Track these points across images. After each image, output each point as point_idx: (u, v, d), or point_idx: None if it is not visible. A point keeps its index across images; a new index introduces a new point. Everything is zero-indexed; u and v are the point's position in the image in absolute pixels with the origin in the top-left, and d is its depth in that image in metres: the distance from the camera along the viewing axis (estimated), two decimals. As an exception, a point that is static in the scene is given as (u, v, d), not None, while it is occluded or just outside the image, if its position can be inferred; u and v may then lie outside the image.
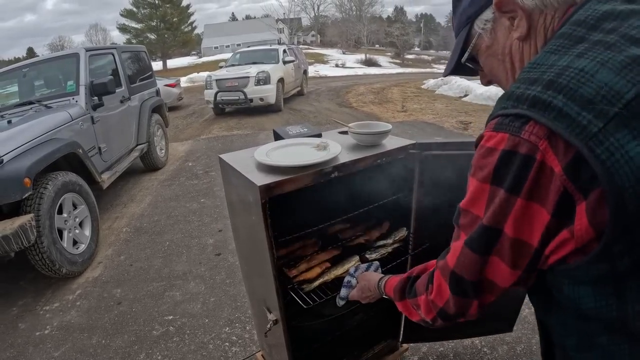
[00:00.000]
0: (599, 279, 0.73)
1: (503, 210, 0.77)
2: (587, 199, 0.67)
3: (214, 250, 4.10)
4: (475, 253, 0.84)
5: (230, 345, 2.77)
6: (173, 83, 14.40)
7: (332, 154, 1.55)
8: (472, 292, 0.90)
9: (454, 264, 0.91)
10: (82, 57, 5.13)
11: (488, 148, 0.78)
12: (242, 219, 1.75)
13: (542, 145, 0.70)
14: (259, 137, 8.79)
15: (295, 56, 14.28)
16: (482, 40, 0.95)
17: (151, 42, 47.26)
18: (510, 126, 0.74)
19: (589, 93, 0.67)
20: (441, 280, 0.97)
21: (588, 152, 0.65)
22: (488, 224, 0.80)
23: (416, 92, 15.57)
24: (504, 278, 0.85)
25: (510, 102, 0.77)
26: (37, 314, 3.31)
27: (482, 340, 2.62)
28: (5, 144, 3.49)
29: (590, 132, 0.65)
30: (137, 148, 6.28)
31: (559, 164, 0.68)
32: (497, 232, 0.79)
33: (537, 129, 0.70)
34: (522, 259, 0.80)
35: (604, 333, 0.78)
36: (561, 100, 0.69)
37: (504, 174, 0.76)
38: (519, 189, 0.74)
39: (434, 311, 1.02)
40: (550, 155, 0.69)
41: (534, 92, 0.73)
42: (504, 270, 0.83)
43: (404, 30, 48.88)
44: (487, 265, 0.85)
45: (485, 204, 0.81)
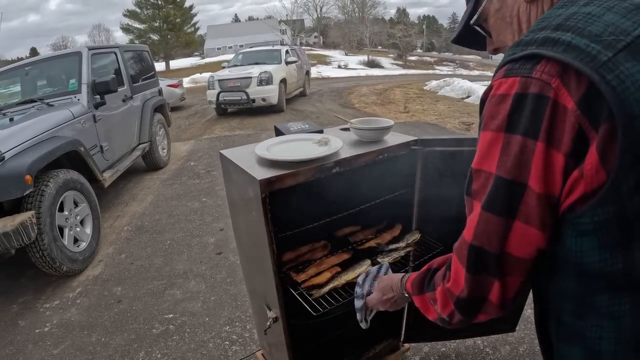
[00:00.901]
0: (605, 225, 0.70)
1: (524, 158, 0.73)
2: (598, 135, 0.66)
3: (214, 249, 4.09)
4: (497, 215, 0.78)
5: (230, 344, 2.75)
6: (176, 83, 14.41)
7: (333, 149, 1.54)
8: (494, 268, 0.81)
9: (471, 236, 0.83)
10: (84, 55, 5.13)
11: (500, 95, 0.77)
12: (242, 215, 1.74)
13: (554, 82, 0.69)
14: (261, 137, 8.77)
15: (298, 57, 14.29)
16: (492, 4, 0.97)
17: (154, 42, 47.37)
18: (521, 69, 0.74)
19: (596, 30, 0.70)
20: (457, 264, 0.88)
21: (599, 79, 0.65)
22: (509, 176, 0.75)
23: (418, 93, 15.56)
24: (531, 244, 0.78)
25: (519, 47, 0.77)
26: (37, 312, 3.30)
27: (485, 341, 2.60)
28: (7, 141, 3.49)
29: (600, 60, 0.66)
30: (139, 147, 6.28)
31: (572, 99, 0.68)
32: (521, 187, 0.74)
33: (549, 67, 0.70)
34: (549, 216, 0.75)
35: (604, 291, 0.75)
36: (570, 36, 0.70)
37: (519, 118, 0.73)
38: (536, 131, 0.71)
39: (450, 302, 0.92)
40: (563, 92, 0.69)
41: (543, 34, 0.74)
42: (532, 234, 0.76)
43: (406, 31, 48.87)
44: (511, 233, 0.77)
45: (498, 156, 0.77)
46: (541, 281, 0.90)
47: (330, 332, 2.16)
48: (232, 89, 11.18)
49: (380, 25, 60.92)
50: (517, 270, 0.81)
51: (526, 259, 0.79)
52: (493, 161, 0.77)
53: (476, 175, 0.82)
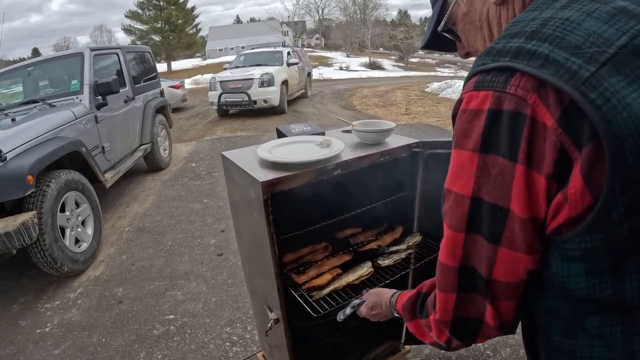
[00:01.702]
0: (592, 253, 0.65)
1: (503, 181, 0.67)
2: (582, 156, 0.60)
3: (216, 251, 4.09)
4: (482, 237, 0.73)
5: (231, 345, 2.75)
6: (177, 84, 14.43)
7: (335, 151, 1.54)
8: (484, 289, 0.77)
9: (459, 258, 0.77)
10: (86, 56, 5.14)
11: (472, 110, 0.70)
12: (244, 217, 1.74)
13: (530, 98, 0.63)
14: (262, 139, 8.78)
15: (300, 58, 14.30)
16: (459, 8, 0.90)
17: (156, 43, 47.46)
18: (493, 82, 0.68)
19: (576, 40, 0.63)
20: (443, 294, 0.84)
21: (581, 98, 0.59)
22: (490, 199, 0.70)
23: (420, 95, 15.56)
24: (519, 269, 0.73)
25: (490, 57, 0.70)
26: (37, 312, 3.30)
27: (485, 343, 2.60)
28: (9, 141, 3.49)
29: (582, 76, 0.60)
30: (140, 148, 6.29)
31: (552, 117, 0.61)
32: (503, 212, 0.69)
33: (524, 81, 0.64)
34: (536, 239, 0.70)
35: (594, 313, 0.71)
36: (547, 47, 0.64)
37: (495, 138, 0.67)
38: (514, 152, 0.65)
39: (445, 330, 0.87)
40: (541, 109, 0.62)
41: (516, 43, 0.68)
42: (520, 259, 0.72)
43: (408, 33, 48.87)
44: (497, 259, 0.73)
45: (474, 177, 0.71)
46: (529, 298, 0.84)
47: (330, 333, 2.16)
48: (234, 91, 11.18)
49: (382, 27, 60.91)
50: (508, 294, 0.77)
51: (516, 282, 0.75)
52: (468, 182, 0.72)
53: (447, 196, 0.78)
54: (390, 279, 1.76)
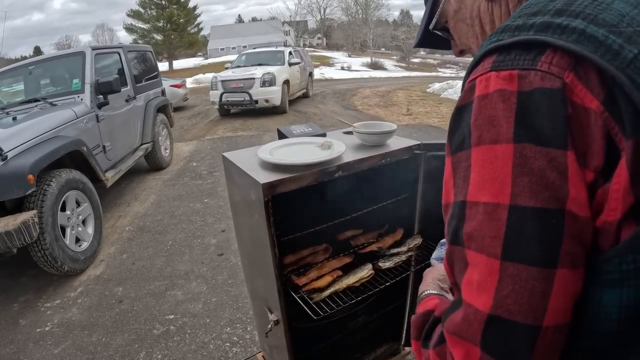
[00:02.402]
0: (634, 276, 0.52)
1: (554, 174, 0.52)
2: (627, 147, 0.50)
3: (216, 251, 4.09)
4: (532, 265, 0.53)
5: (231, 346, 2.75)
6: (179, 84, 14.44)
7: (336, 153, 1.54)
8: (527, 349, 0.54)
9: (490, 303, 0.55)
10: (88, 55, 5.14)
11: (495, 93, 0.57)
12: (245, 218, 1.74)
13: (567, 77, 0.52)
14: (263, 139, 8.78)
15: (301, 58, 14.29)
16: (449, 5, 0.85)
17: (157, 42, 47.42)
18: (517, 60, 0.56)
19: (611, 19, 0.54)
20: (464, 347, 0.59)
21: (629, 82, 0.49)
22: (538, 204, 0.53)
23: (421, 95, 15.56)
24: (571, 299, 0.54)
25: (507, 33, 0.60)
26: (38, 311, 3.30)
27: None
28: (10, 140, 3.49)
29: (626, 58, 0.51)
30: (141, 147, 6.29)
31: (595, 98, 0.51)
32: (558, 216, 0.52)
33: (558, 58, 0.53)
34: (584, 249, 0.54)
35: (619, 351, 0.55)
36: (581, 22, 0.54)
37: (534, 121, 0.53)
38: (562, 137, 0.52)
39: None
40: (581, 89, 0.52)
41: (540, 19, 0.57)
42: (577, 282, 0.54)
43: (409, 33, 48.82)
44: (554, 290, 0.53)
45: (510, 177, 0.54)
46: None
47: (330, 335, 2.16)
48: (235, 90, 11.19)
49: (384, 27, 60.88)
50: (555, 346, 0.56)
51: (566, 323, 0.55)
52: (503, 186, 0.55)
53: (472, 210, 0.59)
54: (391, 281, 1.75)
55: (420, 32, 0.96)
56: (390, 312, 2.14)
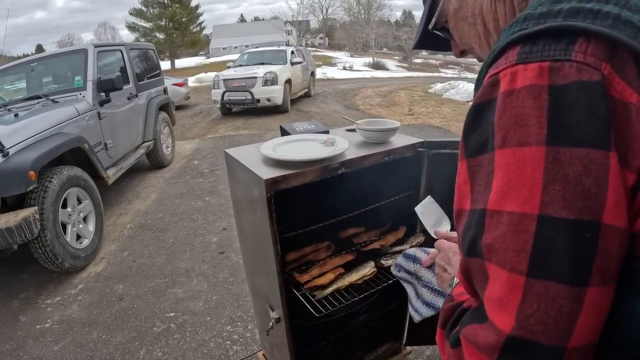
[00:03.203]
0: None
1: (592, 181, 0.47)
2: None
3: (217, 249, 4.08)
4: (559, 283, 0.48)
5: (231, 344, 2.74)
6: (181, 82, 14.44)
7: (339, 150, 1.53)
8: None
9: (512, 323, 0.51)
10: (90, 53, 5.14)
11: (525, 89, 0.51)
12: (247, 215, 1.73)
13: (605, 68, 0.47)
14: (265, 137, 8.77)
15: (303, 58, 14.28)
16: (450, 4, 0.81)
17: (160, 41, 47.44)
18: (547, 50, 0.50)
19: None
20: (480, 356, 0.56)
21: None
22: (571, 215, 0.47)
23: (423, 95, 15.54)
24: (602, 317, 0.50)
25: (531, 21, 0.54)
26: (38, 307, 3.30)
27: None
28: (12, 136, 3.49)
29: None
30: (143, 145, 6.28)
31: (635, 92, 0.47)
32: (593, 229, 0.47)
33: (592, 47, 0.48)
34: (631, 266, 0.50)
35: None
36: (613, 7, 0.49)
37: (570, 121, 0.48)
38: (604, 137, 0.47)
39: None
40: (619, 82, 0.47)
41: (567, 5, 0.52)
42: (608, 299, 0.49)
43: (412, 34, 48.82)
44: (584, 308, 0.48)
45: (541, 184, 0.49)
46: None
47: (332, 333, 2.15)
48: (237, 89, 11.18)
49: (386, 27, 60.89)
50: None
51: (594, 342, 0.51)
52: (532, 195, 0.49)
53: (493, 220, 0.53)
54: (393, 280, 1.74)
55: (419, 33, 0.92)
56: (392, 310, 2.13)
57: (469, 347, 0.58)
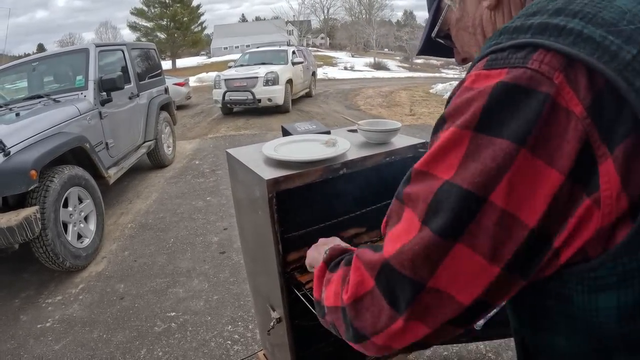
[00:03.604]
0: (631, 277, 0.53)
1: (497, 167, 0.54)
2: (614, 154, 0.50)
3: (218, 248, 4.08)
4: (436, 235, 0.58)
5: (232, 344, 2.74)
6: (182, 82, 14.46)
7: (341, 150, 1.53)
8: (405, 302, 0.61)
9: (391, 252, 0.63)
10: (91, 52, 5.14)
11: (477, 89, 0.58)
12: (248, 215, 1.73)
13: (557, 78, 0.52)
14: (266, 137, 8.77)
15: (304, 58, 14.29)
16: (452, 13, 0.85)
17: (161, 41, 47.50)
18: (509, 58, 0.56)
19: (611, 17, 0.54)
20: (362, 275, 0.69)
21: (625, 85, 0.49)
22: (466, 185, 0.56)
23: (424, 96, 15.53)
24: (468, 282, 0.58)
25: (505, 36, 0.60)
26: (39, 307, 3.30)
27: (487, 345, 2.59)
28: (13, 136, 3.49)
29: (624, 59, 0.50)
30: (144, 145, 6.29)
31: (580, 103, 0.51)
32: (478, 202, 0.55)
33: (550, 57, 0.53)
34: (506, 246, 0.56)
35: (620, 351, 0.59)
36: (578, 23, 0.54)
37: (499, 115, 0.55)
38: (524, 135, 0.53)
39: (338, 300, 0.75)
40: (568, 92, 0.51)
41: (538, 20, 0.57)
42: (472, 263, 0.57)
43: (413, 34, 48.82)
44: (447, 258, 0.58)
45: (459, 160, 0.58)
46: (532, 336, 0.74)
47: (332, 334, 2.15)
48: (238, 89, 11.18)
49: (387, 27, 60.90)
50: (433, 315, 0.62)
51: (457, 302, 0.60)
52: (451, 166, 0.58)
53: (418, 177, 0.64)
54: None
55: (423, 40, 0.96)
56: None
57: (357, 264, 0.71)
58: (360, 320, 0.69)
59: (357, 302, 0.69)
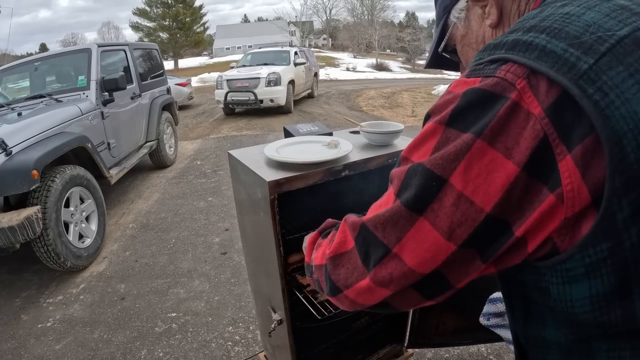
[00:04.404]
0: (598, 268, 0.58)
1: (455, 152, 0.63)
2: (573, 152, 0.56)
3: (219, 249, 4.08)
4: (404, 207, 0.67)
5: (232, 345, 2.74)
6: (184, 82, 14.46)
7: (343, 152, 1.53)
8: (375, 258, 0.71)
9: (368, 218, 0.74)
10: (94, 52, 5.15)
11: (455, 92, 0.67)
12: (249, 216, 1.73)
13: (519, 84, 0.59)
14: (268, 138, 8.78)
15: (307, 58, 14.30)
16: (458, 30, 0.91)
17: (163, 41, 47.56)
18: (484, 70, 0.65)
19: (575, 31, 0.59)
20: (347, 233, 0.80)
21: (579, 92, 0.55)
22: (430, 167, 0.65)
23: (426, 97, 15.53)
24: (429, 255, 0.66)
25: (487, 52, 0.68)
26: (40, 306, 3.30)
27: (489, 348, 2.58)
28: (15, 135, 3.49)
29: (580, 69, 0.56)
30: (146, 145, 6.29)
31: (539, 105, 0.58)
32: (440, 181, 0.64)
33: (515, 67, 0.61)
34: (462, 228, 0.63)
35: (600, 340, 0.64)
36: (544, 38, 0.61)
37: (466, 115, 0.64)
38: (480, 128, 0.61)
39: (324, 258, 0.86)
40: (529, 96, 0.58)
41: (513, 37, 0.65)
42: (432, 238, 0.65)
43: (415, 35, 48.84)
44: (411, 230, 0.67)
45: (432, 148, 0.67)
46: (522, 327, 0.79)
47: (334, 335, 2.15)
48: (240, 89, 11.19)
49: (389, 28, 60.94)
50: (395, 278, 0.70)
51: (415, 271, 0.68)
52: (425, 153, 0.67)
53: (402, 161, 0.74)
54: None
55: (431, 54, 1.04)
56: (394, 313, 2.12)
57: (343, 228, 0.82)
58: (337, 274, 0.80)
59: (336, 258, 0.81)
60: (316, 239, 1.01)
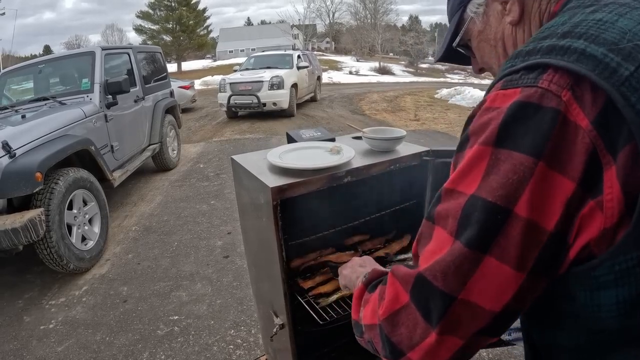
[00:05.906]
0: (627, 275, 0.58)
1: (516, 178, 0.59)
2: (617, 162, 0.55)
3: (222, 253, 4.09)
4: (466, 247, 0.62)
5: (234, 348, 2.75)
6: (187, 85, 14.49)
7: (345, 158, 1.54)
8: (438, 313, 0.64)
9: (424, 267, 0.67)
10: (97, 55, 5.17)
11: (496, 108, 0.64)
12: (252, 221, 1.73)
13: (565, 95, 0.57)
14: (271, 142, 8.80)
15: (310, 62, 14.32)
16: (474, 25, 0.90)
17: (166, 44, 47.60)
18: (522, 79, 0.62)
19: (612, 37, 0.59)
20: (397, 290, 0.72)
21: (622, 100, 0.54)
22: (490, 198, 0.61)
23: (429, 101, 15.53)
24: (497, 291, 0.62)
25: (519, 58, 0.66)
26: (42, 308, 3.31)
27: (490, 353, 2.58)
28: (19, 138, 3.51)
29: (622, 75, 0.55)
30: (149, 148, 6.31)
31: (586, 117, 0.56)
32: (504, 214, 0.60)
33: (558, 77, 0.58)
34: (530, 252, 0.60)
35: (623, 347, 0.63)
36: (582, 43, 0.59)
37: (516, 131, 0.60)
38: (539, 148, 0.58)
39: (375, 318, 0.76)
40: (575, 107, 0.57)
41: (548, 42, 0.63)
42: (501, 273, 0.61)
43: (418, 39, 48.87)
44: (478, 270, 0.62)
45: (482, 174, 0.63)
46: (539, 336, 0.78)
47: (335, 340, 2.15)
48: (244, 93, 11.21)
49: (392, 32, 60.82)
50: (464, 326, 0.65)
51: (487, 310, 0.64)
52: (474, 180, 0.64)
53: (447, 196, 0.68)
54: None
55: (444, 48, 1.00)
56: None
57: (392, 280, 0.74)
58: (396, 335, 0.71)
59: (392, 317, 0.72)
60: (362, 294, 0.88)
